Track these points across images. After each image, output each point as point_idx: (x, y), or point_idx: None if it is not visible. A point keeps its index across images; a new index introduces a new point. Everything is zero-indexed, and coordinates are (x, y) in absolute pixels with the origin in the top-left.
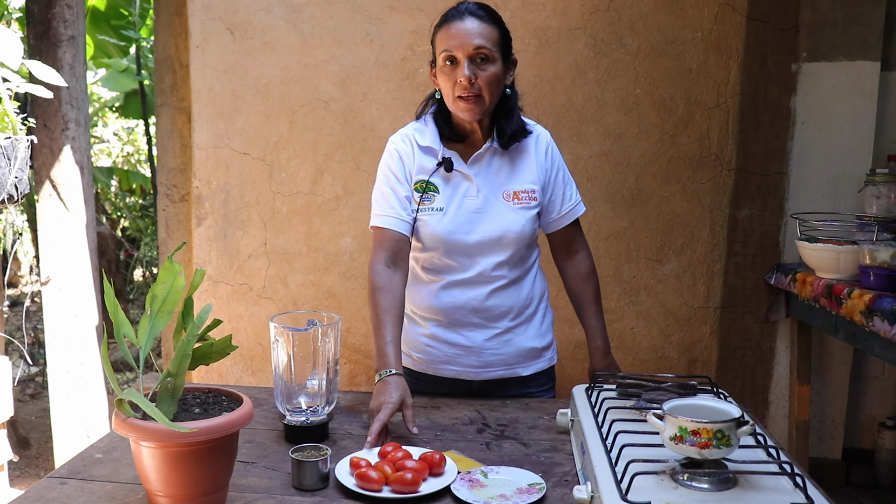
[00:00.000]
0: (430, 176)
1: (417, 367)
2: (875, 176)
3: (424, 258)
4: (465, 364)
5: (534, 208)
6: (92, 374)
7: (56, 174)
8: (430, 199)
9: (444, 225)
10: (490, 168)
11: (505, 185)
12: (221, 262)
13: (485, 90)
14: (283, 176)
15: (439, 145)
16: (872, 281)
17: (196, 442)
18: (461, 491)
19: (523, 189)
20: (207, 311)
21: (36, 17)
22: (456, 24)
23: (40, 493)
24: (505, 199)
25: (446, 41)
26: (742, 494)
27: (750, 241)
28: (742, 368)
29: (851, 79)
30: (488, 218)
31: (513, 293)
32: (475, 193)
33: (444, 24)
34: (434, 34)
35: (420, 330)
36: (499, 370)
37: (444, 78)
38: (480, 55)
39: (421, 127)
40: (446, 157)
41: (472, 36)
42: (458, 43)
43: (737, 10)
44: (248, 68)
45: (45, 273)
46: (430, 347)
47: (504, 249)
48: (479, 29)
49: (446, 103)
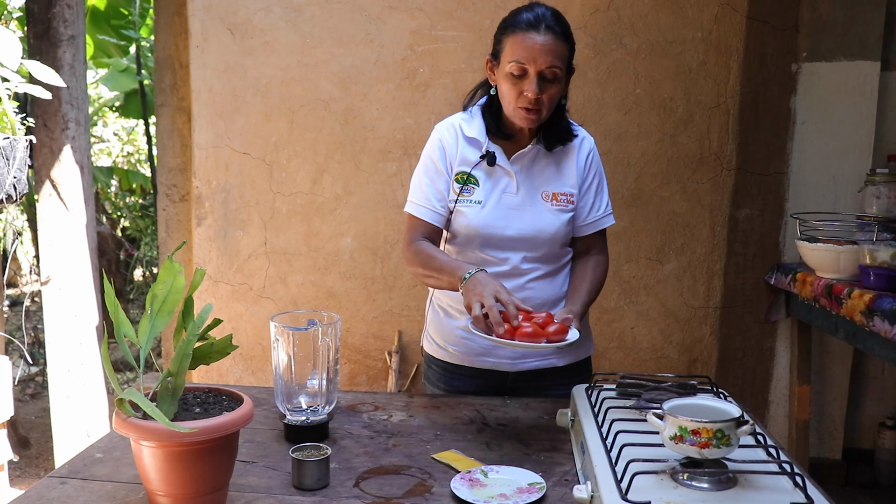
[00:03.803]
0: (472, 168)
1: (453, 360)
2: (875, 176)
3: (458, 251)
4: (501, 356)
5: (570, 211)
6: (92, 373)
7: (56, 174)
8: (469, 191)
9: (481, 218)
10: (532, 167)
11: (545, 186)
12: (221, 261)
13: (546, 106)
14: (283, 176)
15: (485, 138)
16: (872, 281)
17: (196, 441)
18: (461, 490)
19: (562, 192)
20: (208, 311)
21: (36, 17)
22: (532, 36)
23: (40, 493)
24: (544, 199)
25: (519, 52)
26: (742, 494)
27: (750, 241)
28: (742, 368)
29: (851, 79)
30: (525, 216)
31: (547, 286)
32: (514, 190)
33: (520, 30)
34: (504, 33)
35: (456, 323)
36: (534, 361)
37: (509, 85)
38: (551, 73)
39: (468, 118)
40: (490, 150)
41: (546, 53)
42: (532, 57)
43: (737, 10)
44: (248, 68)
45: (45, 273)
46: (465, 339)
47: (538, 248)
48: (554, 46)
49: (503, 105)
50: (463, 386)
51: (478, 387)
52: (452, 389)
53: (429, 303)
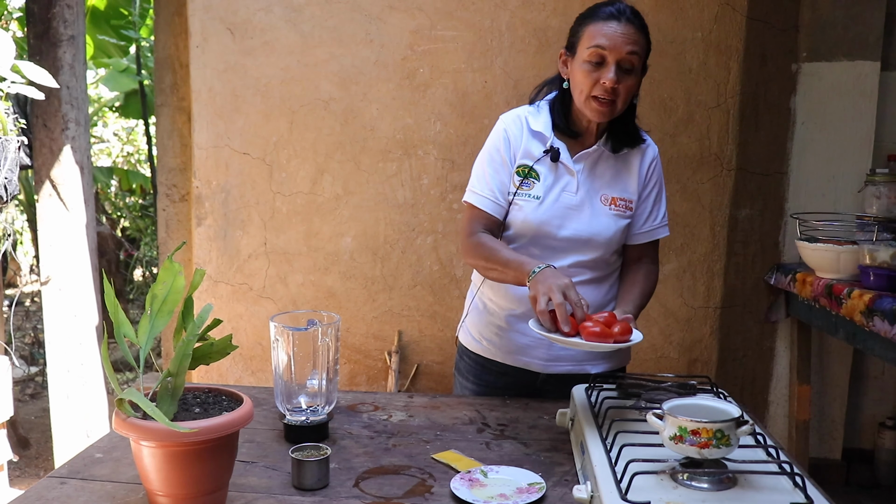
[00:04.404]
0: (534, 162)
1: (486, 354)
2: (875, 176)
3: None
4: (535, 356)
5: (627, 218)
6: (92, 374)
7: (56, 174)
8: (529, 185)
9: (539, 214)
10: (595, 169)
11: (605, 189)
12: (221, 261)
13: (621, 98)
14: (283, 176)
15: (550, 133)
16: (872, 281)
17: (196, 441)
18: (461, 490)
19: (622, 197)
20: (207, 311)
21: (36, 17)
22: (613, 25)
23: (40, 493)
24: (602, 202)
25: (599, 38)
26: (742, 494)
27: (750, 241)
28: (742, 368)
29: (851, 79)
30: (582, 217)
31: (592, 291)
32: (574, 190)
33: (600, 19)
34: (583, 23)
35: (494, 318)
36: (567, 365)
37: (584, 74)
38: (629, 63)
39: (534, 111)
40: (555, 146)
41: (627, 41)
42: (613, 45)
43: (737, 9)
44: (248, 68)
45: (45, 273)
46: (501, 336)
47: (591, 251)
48: (635, 36)
49: (575, 97)
50: (492, 381)
51: (507, 384)
52: (481, 383)
53: (471, 295)
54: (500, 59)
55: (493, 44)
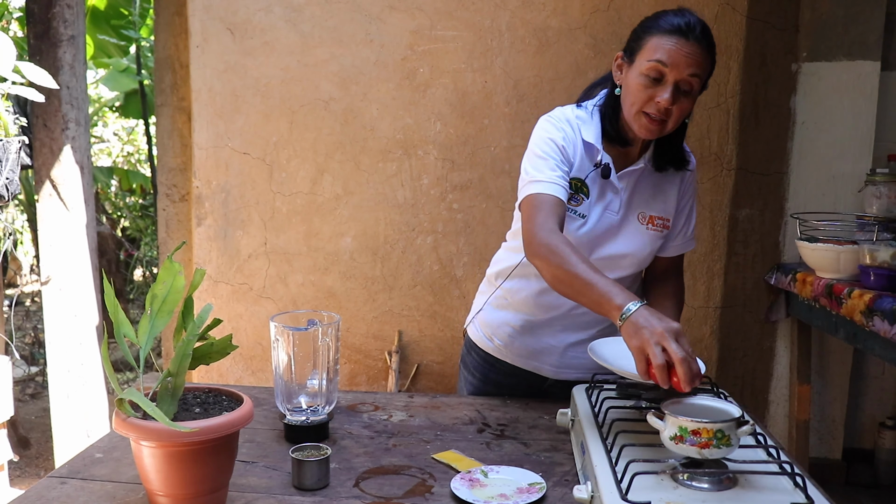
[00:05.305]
0: (586, 176)
1: (496, 353)
2: (875, 176)
3: None
4: (546, 361)
5: (663, 237)
6: (92, 374)
7: (56, 174)
8: (577, 201)
9: (581, 234)
10: (637, 186)
11: (643, 207)
12: (221, 261)
13: (673, 118)
14: (283, 176)
15: (601, 145)
16: (872, 281)
17: (196, 441)
18: (461, 490)
19: (660, 216)
20: (207, 311)
21: (36, 17)
22: (681, 41)
23: (40, 493)
24: (640, 220)
25: (661, 53)
26: (742, 494)
27: (750, 240)
28: (742, 368)
29: (851, 79)
30: (621, 237)
31: None
32: (617, 209)
33: (667, 32)
34: (649, 31)
35: (509, 319)
36: (576, 373)
37: (639, 87)
38: (688, 84)
39: (584, 117)
40: (606, 161)
41: (690, 63)
42: (675, 63)
43: (737, 10)
44: (248, 68)
45: (45, 273)
46: (514, 338)
47: (623, 269)
48: (700, 57)
49: (624, 108)
50: (499, 380)
51: (513, 385)
52: (487, 381)
53: (487, 291)
54: (500, 59)
55: (493, 44)
